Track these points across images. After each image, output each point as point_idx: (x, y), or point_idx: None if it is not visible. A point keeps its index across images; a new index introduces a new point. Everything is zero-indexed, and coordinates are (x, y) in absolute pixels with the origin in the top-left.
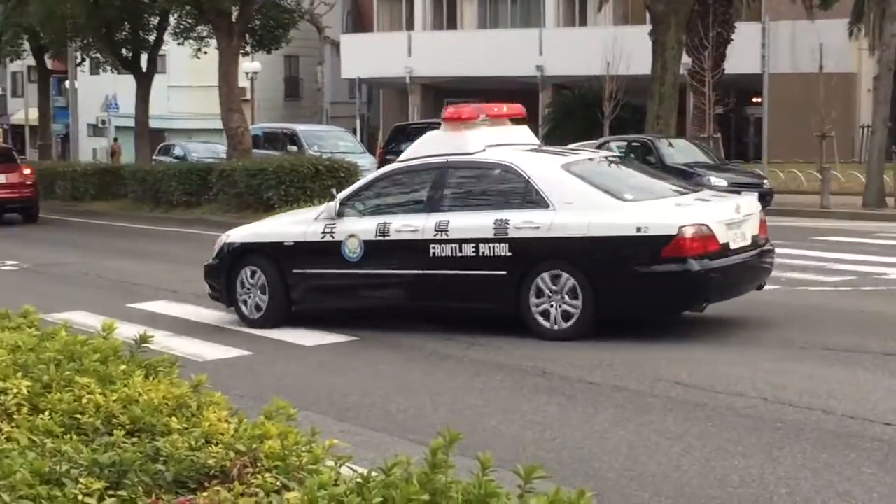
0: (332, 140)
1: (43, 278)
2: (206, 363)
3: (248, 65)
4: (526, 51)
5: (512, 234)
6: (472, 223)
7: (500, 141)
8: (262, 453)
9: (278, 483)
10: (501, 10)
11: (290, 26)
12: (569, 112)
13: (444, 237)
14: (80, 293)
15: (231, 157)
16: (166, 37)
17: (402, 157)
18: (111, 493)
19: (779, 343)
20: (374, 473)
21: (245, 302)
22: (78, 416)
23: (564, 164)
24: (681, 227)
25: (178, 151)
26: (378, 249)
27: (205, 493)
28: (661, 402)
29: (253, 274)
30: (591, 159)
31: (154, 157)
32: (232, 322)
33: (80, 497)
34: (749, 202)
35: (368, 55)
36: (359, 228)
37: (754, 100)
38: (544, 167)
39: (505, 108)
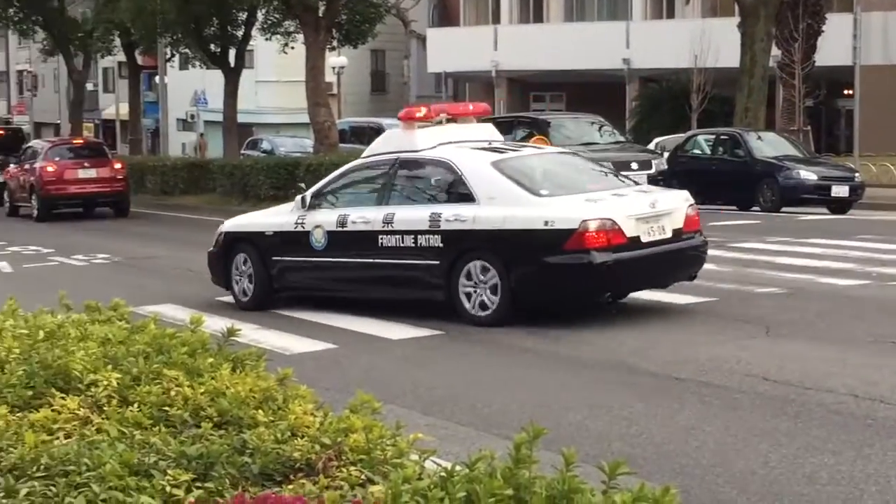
0: None
1: (133, 272)
2: (292, 356)
3: (335, 59)
4: (613, 44)
5: (444, 226)
6: (412, 216)
7: (457, 138)
8: (346, 447)
9: (363, 476)
10: (588, 2)
11: (377, 20)
12: (656, 105)
13: (391, 228)
14: (169, 287)
15: (318, 152)
16: (254, 32)
17: (364, 153)
18: (198, 484)
19: (870, 338)
20: (457, 468)
21: (237, 285)
22: (166, 408)
23: (494, 161)
24: (582, 221)
25: (265, 146)
26: (338, 239)
27: (290, 486)
28: (749, 398)
29: (245, 261)
30: (527, 156)
31: (242, 152)
32: (318, 316)
33: (167, 488)
34: (670, 198)
35: (454, 49)
36: (324, 220)
37: (845, 92)
38: (475, 164)
39: (470, 106)
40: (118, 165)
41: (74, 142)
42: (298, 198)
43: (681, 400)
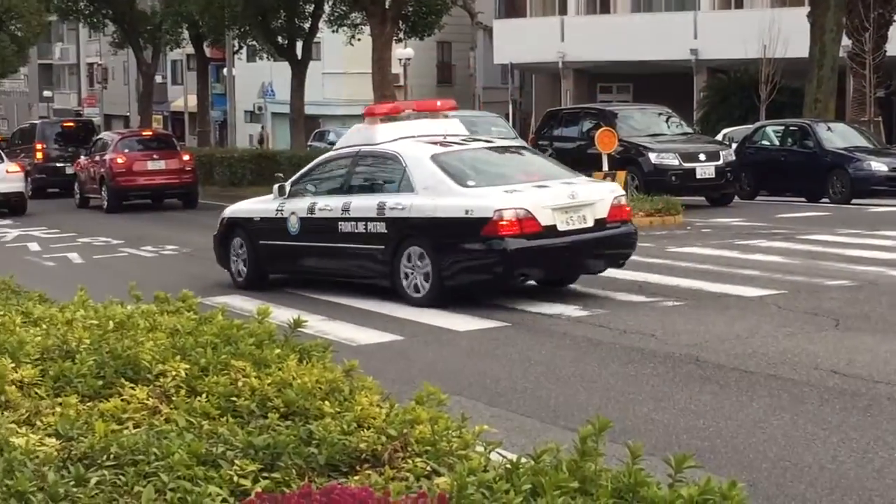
0: (484, 126)
1: (202, 263)
2: (358, 347)
3: (401, 51)
4: (680, 34)
5: (388, 213)
6: (364, 204)
7: (417, 132)
8: (412, 438)
9: (428, 468)
10: None
11: (443, 12)
12: (724, 96)
13: (347, 216)
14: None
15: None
16: (321, 24)
17: (336, 144)
18: (265, 474)
19: None
20: (523, 460)
21: (234, 266)
22: (233, 398)
23: (434, 155)
24: (496, 210)
25: (332, 137)
26: (308, 225)
27: (356, 477)
28: (818, 392)
29: (241, 245)
30: (468, 150)
31: (309, 143)
32: (384, 307)
33: (235, 478)
34: (594, 190)
35: (521, 40)
36: (298, 207)
37: None
38: (417, 157)
39: (438, 102)
40: (187, 157)
41: (144, 133)
42: (276, 187)
43: (749, 393)
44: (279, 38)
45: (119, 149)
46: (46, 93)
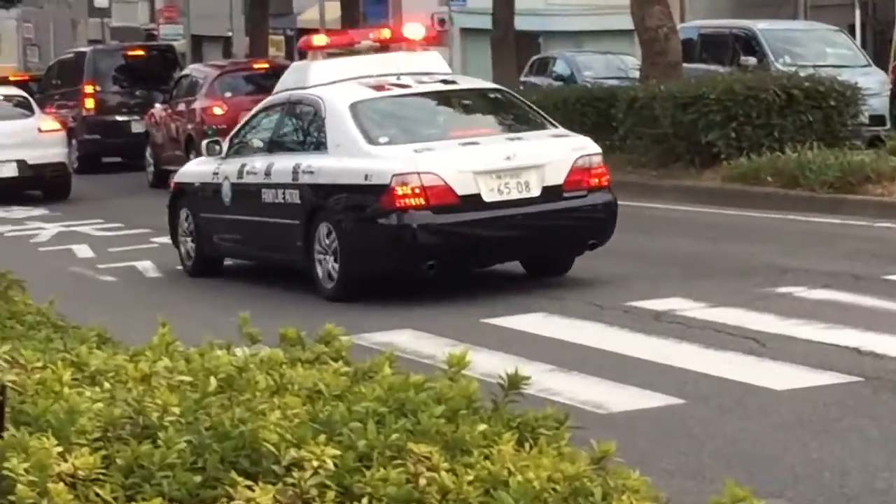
0: (814, 45)
1: None
2: (612, 417)
3: None
4: None
5: (301, 179)
6: (283, 166)
7: (366, 72)
8: None
9: None
10: None
11: None
12: None
13: (269, 181)
14: (407, 300)
15: (647, 77)
16: None
17: (276, 86)
18: None
19: None
20: None
21: (182, 246)
22: None
23: (355, 102)
24: (394, 175)
25: (560, 68)
26: (237, 193)
27: None
28: None
29: (187, 217)
30: (406, 95)
31: (523, 78)
32: (649, 349)
33: None
34: (546, 147)
35: None
36: (230, 170)
37: None
38: (336, 105)
39: (415, 30)
40: None
41: (255, 66)
42: (204, 144)
43: None
44: None
45: (217, 91)
46: (100, 2)
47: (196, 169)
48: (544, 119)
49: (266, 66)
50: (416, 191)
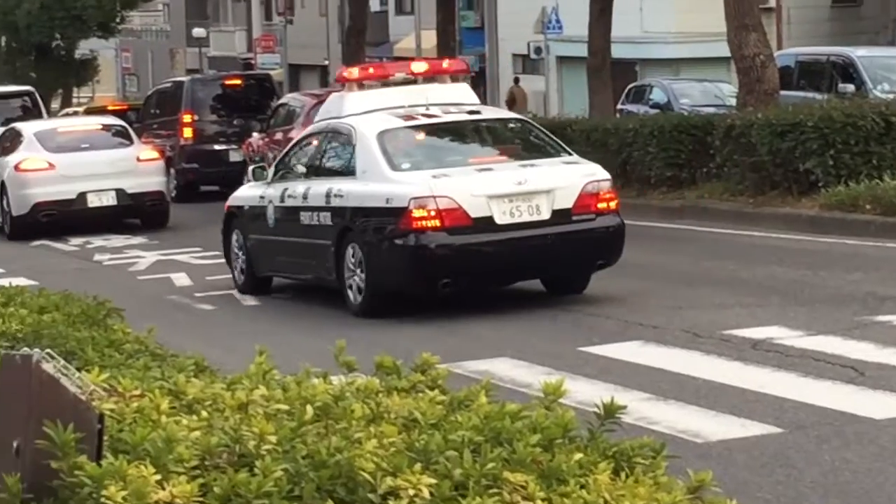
0: None
1: (444, 303)
2: (709, 447)
3: None
4: None
5: (333, 202)
6: (318, 190)
7: (398, 103)
8: None
9: None
10: None
11: None
12: None
13: (306, 204)
14: (503, 328)
15: (744, 105)
16: None
17: (316, 117)
18: None
19: None
20: None
21: (236, 267)
22: None
23: (382, 131)
24: (412, 199)
25: (657, 96)
26: (281, 216)
27: None
28: None
29: (237, 239)
30: (434, 124)
31: (619, 106)
32: (743, 379)
33: None
34: (556, 173)
35: None
36: (275, 194)
37: None
38: (365, 133)
39: (444, 63)
40: None
41: None
42: (250, 169)
43: None
44: None
45: (314, 120)
46: (197, 32)
47: (245, 193)
48: (560, 147)
49: None
50: (433, 213)
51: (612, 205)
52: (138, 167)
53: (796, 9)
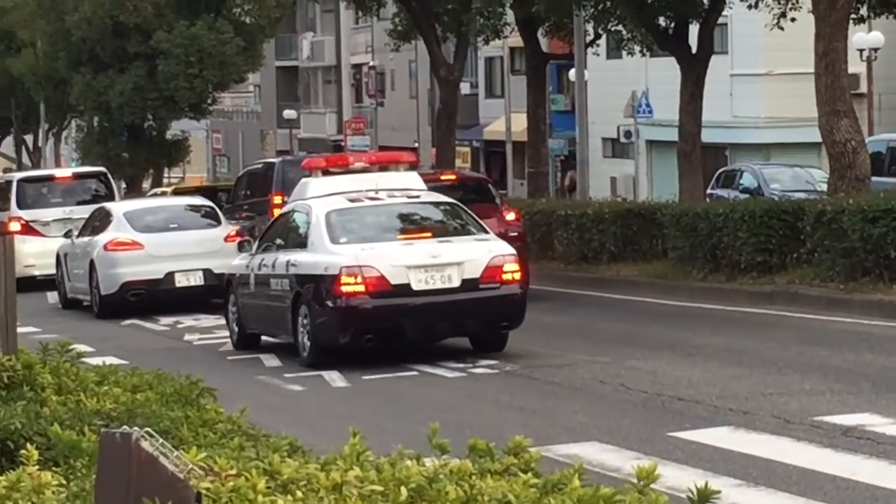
0: None
1: (535, 388)
2: None
3: (864, 37)
4: None
5: (290, 270)
6: (281, 260)
7: (353, 187)
8: None
9: None
10: None
11: None
12: None
13: (273, 272)
14: (592, 412)
15: (836, 191)
16: None
17: (290, 198)
18: None
19: None
20: None
21: (231, 326)
22: None
23: (330, 211)
24: (342, 267)
25: (747, 181)
26: (257, 282)
27: None
28: None
29: (233, 302)
30: (371, 206)
31: (709, 191)
32: (834, 466)
33: None
34: (466, 248)
35: None
36: (255, 263)
37: None
38: (317, 213)
39: (404, 156)
40: (511, 216)
41: (443, 178)
42: (237, 243)
43: None
44: (660, 20)
45: None
46: (288, 113)
47: (237, 263)
48: (480, 227)
49: (453, 177)
50: (358, 280)
51: (516, 276)
52: (225, 247)
53: (887, 94)
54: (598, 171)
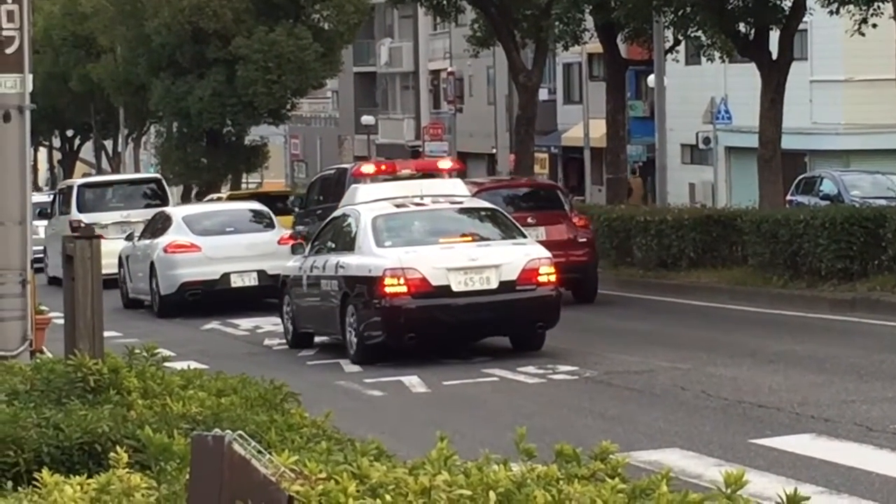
0: None
1: (613, 393)
2: None
3: None
4: None
5: (339, 272)
6: (331, 262)
7: (400, 194)
8: None
9: None
10: None
11: None
12: None
13: (323, 274)
14: (673, 418)
15: None
16: (810, 1)
17: (340, 203)
18: None
19: None
20: None
21: (285, 325)
22: None
23: (376, 216)
24: (385, 270)
25: (828, 188)
26: (309, 283)
27: None
28: None
29: (287, 303)
30: (413, 211)
31: (789, 198)
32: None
33: None
34: (504, 252)
35: None
36: (307, 266)
37: None
38: (364, 217)
39: (444, 163)
40: (580, 221)
41: (514, 185)
42: (290, 245)
43: None
44: (740, 26)
45: None
46: (366, 119)
47: (291, 265)
48: (518, 232)
49: (525, 184)
50: (401, 281)
51: (551, 278)
52: (279, 249)
53: None
54: (676, 177)
